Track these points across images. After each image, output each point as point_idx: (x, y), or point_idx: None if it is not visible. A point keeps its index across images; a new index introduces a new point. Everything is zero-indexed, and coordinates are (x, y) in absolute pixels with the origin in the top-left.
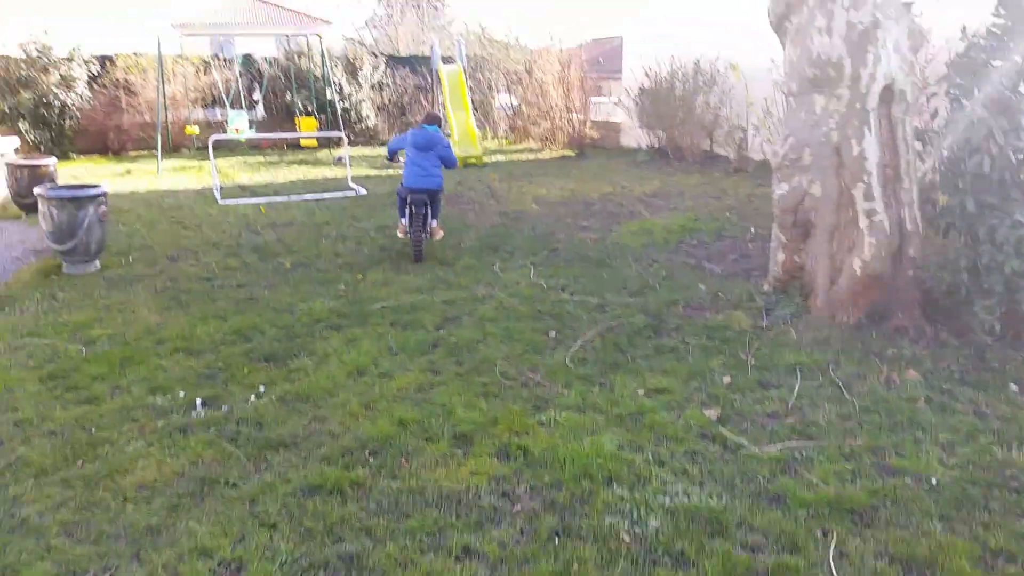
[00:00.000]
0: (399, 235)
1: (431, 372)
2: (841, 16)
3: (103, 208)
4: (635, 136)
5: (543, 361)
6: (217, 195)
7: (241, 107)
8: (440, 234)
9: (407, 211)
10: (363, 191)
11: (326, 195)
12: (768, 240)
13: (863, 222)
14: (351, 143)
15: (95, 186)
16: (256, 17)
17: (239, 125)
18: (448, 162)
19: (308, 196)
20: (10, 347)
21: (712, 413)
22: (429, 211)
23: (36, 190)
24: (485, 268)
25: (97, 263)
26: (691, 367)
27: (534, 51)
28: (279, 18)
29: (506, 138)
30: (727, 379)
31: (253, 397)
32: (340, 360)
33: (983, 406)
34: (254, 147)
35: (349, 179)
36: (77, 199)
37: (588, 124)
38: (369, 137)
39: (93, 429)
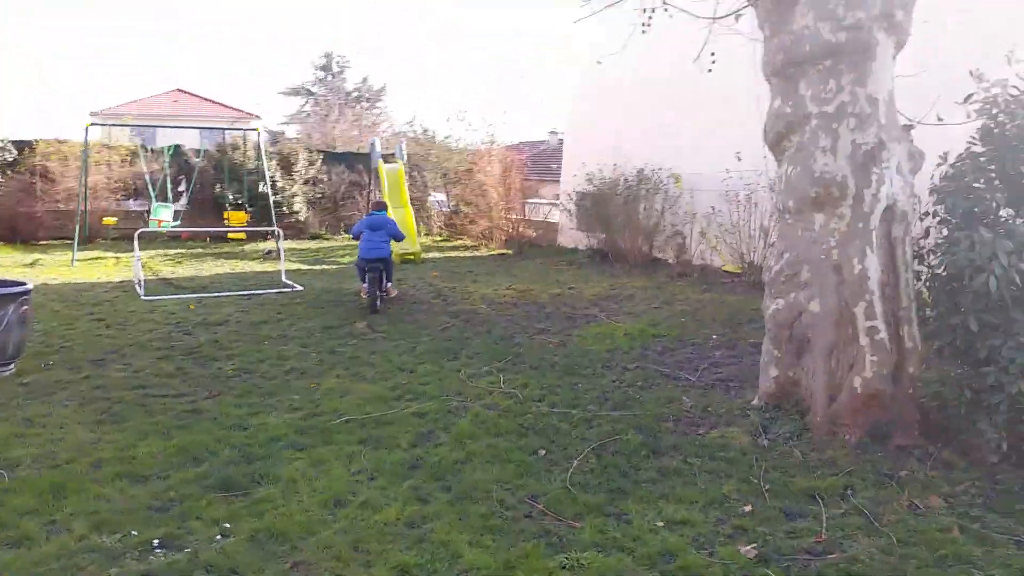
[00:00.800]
0: (362, 296)
1: (418, 501)
2: (846, 136)
3: (25, 308)
4: (573, 237)
5: (541, 486)
6: (140, 290)
7: (167, 199)
8: (394, 293)
9: (366, 276)
10: (299, 287)
11: (260, 292)
12: (731, 348)
13: (864, 340)
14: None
15: (18, 282)
16: (183, 109)
17: (164, 217)
18: (396, 237)
19: (240, 292)
20: None
21: (748, 551)
22: (383, 275)
23: None
24: (450, 375)
25: (12, 367)
26: (706, 494)
27: (475, 152)
28: (204, 111)
29: (440, 235)
30: (747, 507)
31: (219, 536)
32: (311, 487)
33: (1022, 535)
34: (175, 239)
35: (283, 274)
36: None
37: (524, 224)
38: (299, 231)
39: None
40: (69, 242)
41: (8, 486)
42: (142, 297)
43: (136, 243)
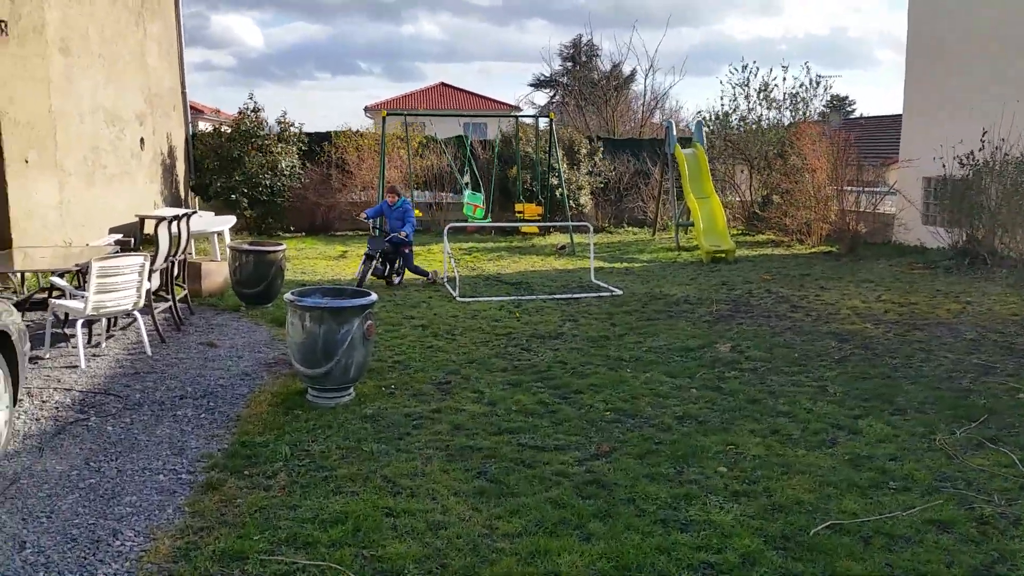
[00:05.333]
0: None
1: None
2: None
3: (370, 323)
4: (918, 233)
5: None
6: (454, 291)
7: (478, 188)
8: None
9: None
10: (617, 291)
11: (578, 296)
12: None
13: None
14: (568, 231)
15: (362, 292)
16: (449, 103)
17: (479, 203)
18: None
19: (557, 296)
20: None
21: None
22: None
23: (287, 296)
24: (917, 443)
25: (352, 391)
26: None
27: (793, 130)
28: (469, 105)
29: (735, 229)
30: None
31: None
32: None
33: None
34: (459, 231)
35: (592, 274)
36: (339, 311)
37: (856, 216)
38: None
39: None
40: (365, 233)
41: None
42: (457, 298)
43: (445, 237)
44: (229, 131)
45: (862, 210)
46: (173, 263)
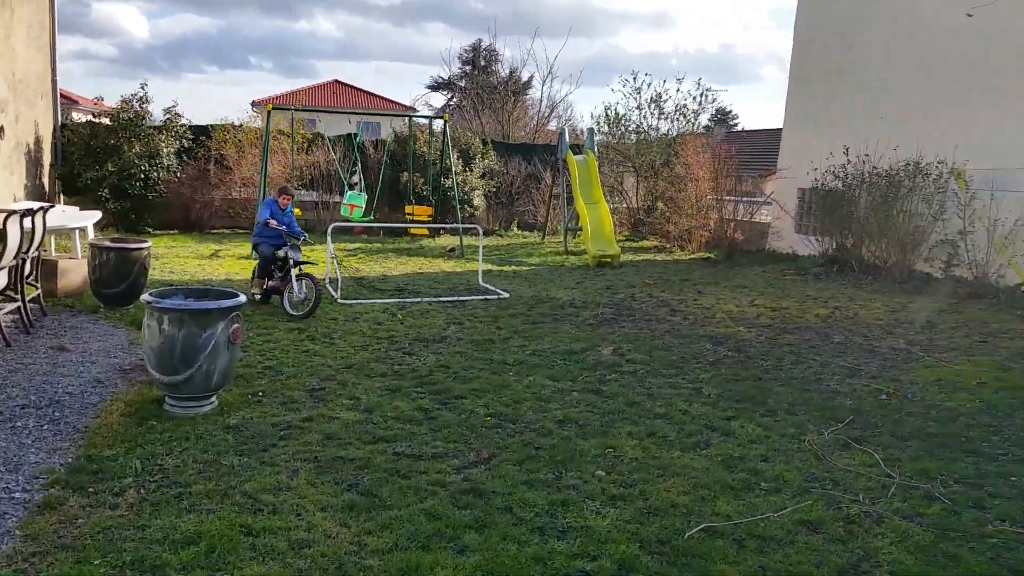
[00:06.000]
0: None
1: None
2: None
3: (237, 326)
4: (790, 241)
5: None
6: (335, 292)
7: (361, 189)
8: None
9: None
10: (504, 294)
11: (464, 298)
12: None
13: None
14: (456, 232)
15: (229, 292)
16: (343, 101)
17: (358, 203)
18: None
19: (443, 299)
20: None
21: None
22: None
23: (144, 297)
24: (786, 444)
25: (215, 400)
26: None
27: (679, 141)
28: (363, 103)
29: (621, 235)
30: None
31: None
32: None
33: None
34: (346, 232)
35: (480, 277)
36: (201, 313)
37: (733, 225)
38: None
39: None
40: (243, 232)
41: None
42: (338, 300)
43: (329, 238)
44: (108, 121)
45: (740, 219)
46: (24, 260)
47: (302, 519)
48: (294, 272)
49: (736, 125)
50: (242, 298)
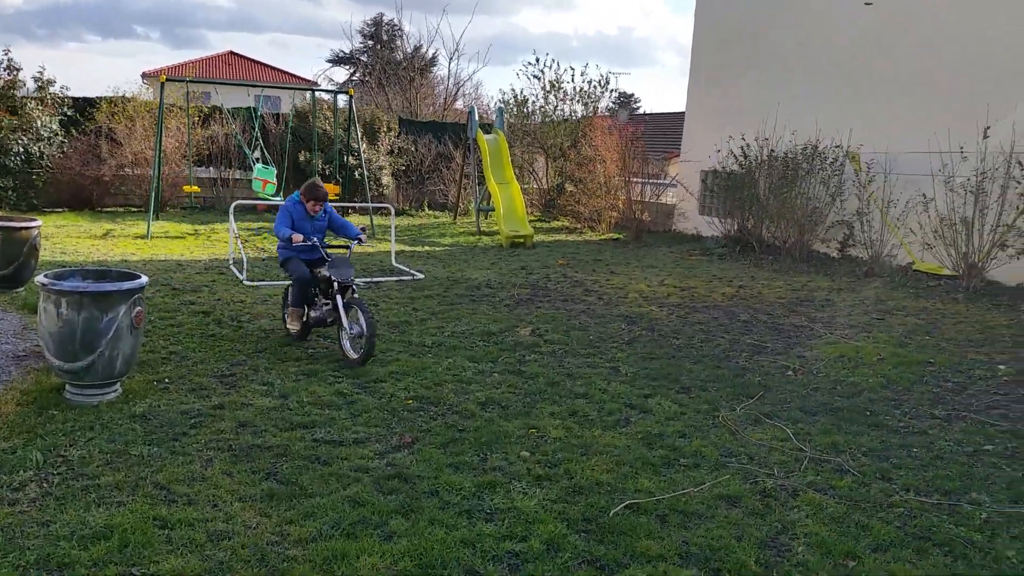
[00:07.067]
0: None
1: None
2: None
3: (140, 309)
4: (695, 223)
5: None
6: (240, 274)
7: (268, 163)
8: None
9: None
10: (419, 275)
11: (378, 280)
12: None
13: None
14: (368, 213)
15: (130, 274)
16: (238, 74)
17: (269, 178)
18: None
19: (359, 280)
20: None
21: None
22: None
23: (39, 279)
24: (703, 420)
25: (119, 388)
26: None
27: (587, 122)
28: (258, 76)
29: (532, 216)
30: None
31: None
32: None
33: None
34: (250, 211)
35: (393, 258)
36: (102, 296)
37: (641, 206)
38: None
39: None
40: (136, 210)
41: None
42: (244, 282)
43: (231, 215)
44: None
45: (647, 200)
46: None
47: (219, 510)
48: (340, 300)
49: (638, 108)
50: (144, 279)
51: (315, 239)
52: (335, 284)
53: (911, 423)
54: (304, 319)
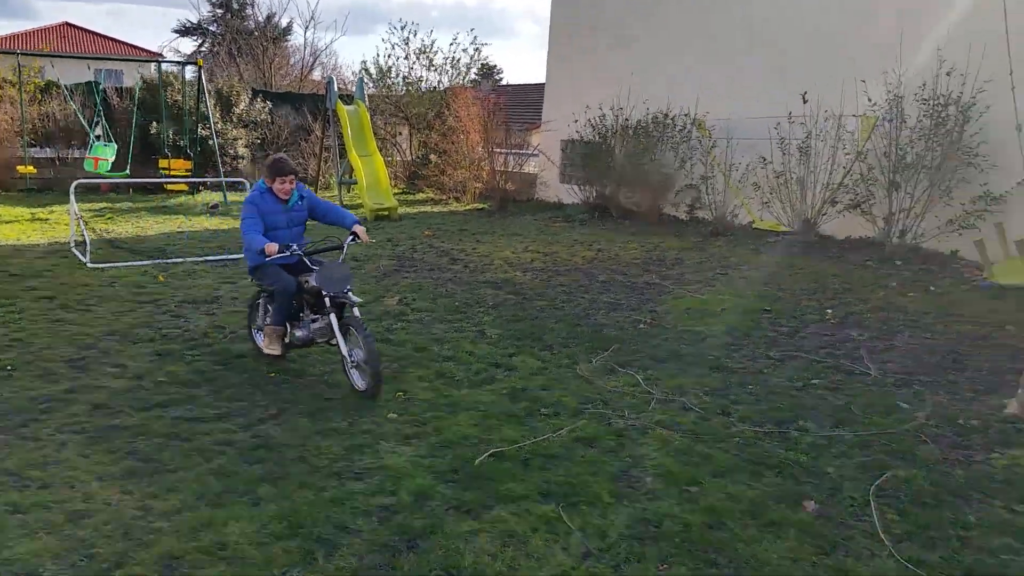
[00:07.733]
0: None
1: None
2: None
3: None
4: (557, 191)
5: (860, 567)
6: (83, 256)
7: (108, 140)
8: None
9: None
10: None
11: (235, 257)
12: (864, 326)
13: None
14: (219, 188)
15: None
16: (76, 46)
17: (106, 156)
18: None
19: (212, 259)
20: None
21: None
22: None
23: None
24: (563, 373)
25: None
26: None
27: (450, 93)
28: (98, 48)
29: (397, 188)
30: None
31: None
32: None
33: None
34: (92, 191)
35: None
36: None
37: (505, 176)
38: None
39: None
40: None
41: None
42: (88, 265)
43: (72, 196)
44: None
45: (510, 170)
46: None
47: (77, 491)
48: (335, 321)
49: (501, 80)
50: None
51: (296, 247)
52: (325, 297)
53: (749, 364)
54: (285, 339)
